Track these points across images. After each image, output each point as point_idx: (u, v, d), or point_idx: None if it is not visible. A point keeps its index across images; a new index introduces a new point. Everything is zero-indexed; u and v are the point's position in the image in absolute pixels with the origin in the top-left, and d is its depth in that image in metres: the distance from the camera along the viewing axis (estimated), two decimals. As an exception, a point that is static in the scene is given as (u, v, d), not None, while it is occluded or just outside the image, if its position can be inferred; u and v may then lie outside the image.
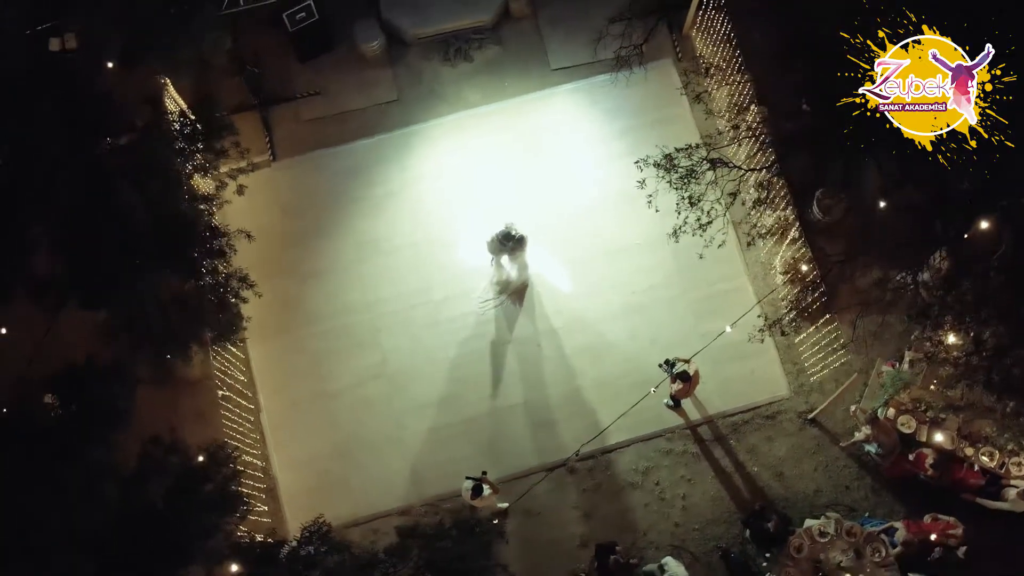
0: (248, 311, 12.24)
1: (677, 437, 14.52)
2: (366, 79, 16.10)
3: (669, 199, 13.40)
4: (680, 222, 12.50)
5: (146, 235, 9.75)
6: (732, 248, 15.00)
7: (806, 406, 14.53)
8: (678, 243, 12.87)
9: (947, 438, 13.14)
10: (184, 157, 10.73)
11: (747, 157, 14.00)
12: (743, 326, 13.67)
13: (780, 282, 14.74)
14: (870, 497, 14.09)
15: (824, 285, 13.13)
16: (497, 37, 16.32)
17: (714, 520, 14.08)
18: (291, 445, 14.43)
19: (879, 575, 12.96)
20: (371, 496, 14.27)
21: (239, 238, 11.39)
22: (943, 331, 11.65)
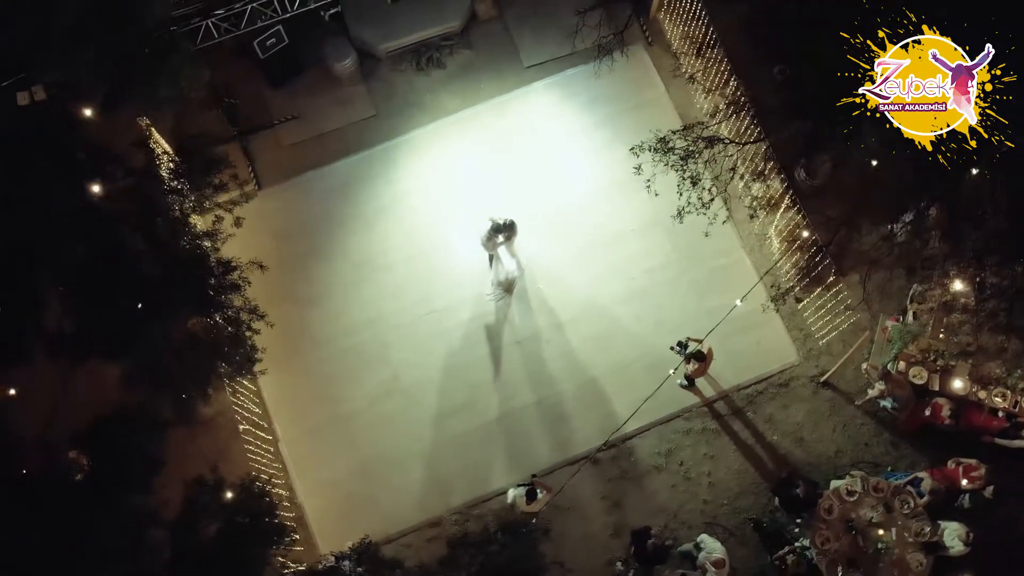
0: (259, 342, 12.14)
1: (695, 416, 14.63)
2: (342, 98, 16.05)
3: (665, 182, 13.55)
4: (683, 203, 12.56)
5: (159, 279, 9.67)
6: (726, 224, 15.13)
7: (817, 370, 14.70)
8: (682, 223, 12.95)
9: (963, 384, 13.32)
10: (182, 196, 10.64)
11: (733, 132, 14.10)
12: (749, 298, 13.84)
13: (777, 251, 14.88)
14: (891, 451, 14.28)
15: (826, 248, 13.24)
16: (467, 41, 16.34)
17: (742, 493, 14.20)
18: (314, 471, 14.36)
19: (910, 526, 13.14)
20: (399, 512, 14.23)
21: (251, 269, 11.31)
22: (948, 279, 11.81)
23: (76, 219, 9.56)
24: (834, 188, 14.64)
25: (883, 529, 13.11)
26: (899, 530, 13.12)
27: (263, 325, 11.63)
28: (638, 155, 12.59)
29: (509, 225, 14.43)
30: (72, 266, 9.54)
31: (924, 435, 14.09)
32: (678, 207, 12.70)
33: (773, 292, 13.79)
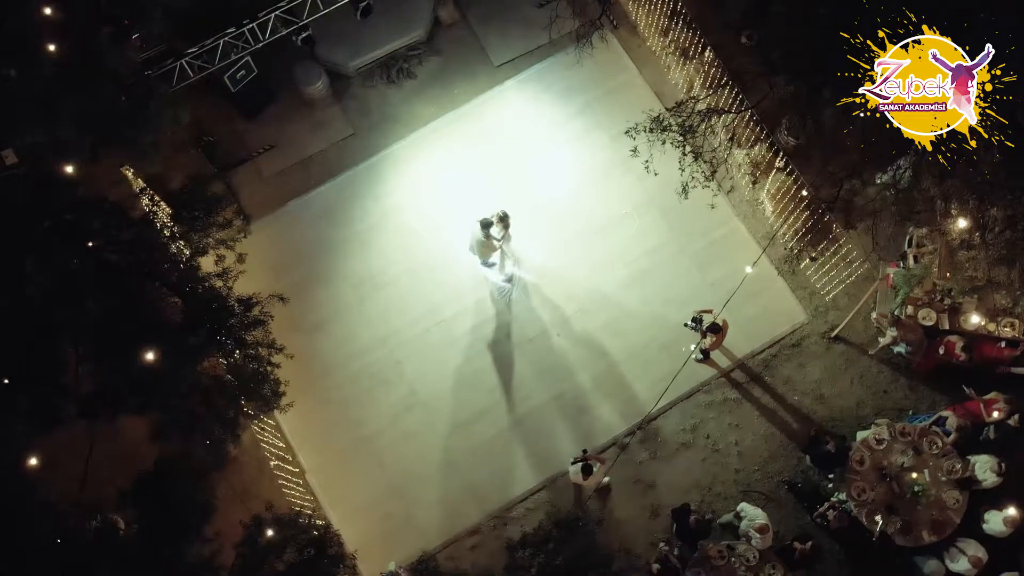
0: (280, 375, 12.00)
1: (714, 388, 14.71)
2: (317, 121, 15.93)
3: (654, 162, 13.61)
4: (686, 178, 12.61)
5: (178, 325, 9.53)
6: (717, 195, 15.17)
7: (827, 326, 14.85)
8: (687, 199, 13.00)
9: (980, 318, 13.51)
10: (185, 239, 10.50)
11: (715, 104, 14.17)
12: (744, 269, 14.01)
13: (773, 215, 15.00)
14: (910, 396, 14.47)
15: (832, 203, 13.37)
16: (434, 48, 16.29)
17: (771, 457, 14.32)
18: (345, 498, 14.24)
19: (941, 465, 13.33)
20: (437, 526, 14.16)
21: (272, 303, 11.20)
22: (951, 218, 11.97)
23: (84, 278, 9.39)
24: (818, 145, 14.78)
25: (916, 472, 13.29)
26: (931, 471, 13.31)
27: (282, 358, 11.49)
28: (634, 137, 12.60)
29: (502, 217, 14.39)
30: (89, 325, 9.37)
31: (940, 375, 14.29)
32: (682, 183, 12.75)
33: (786, 254, 13.85)
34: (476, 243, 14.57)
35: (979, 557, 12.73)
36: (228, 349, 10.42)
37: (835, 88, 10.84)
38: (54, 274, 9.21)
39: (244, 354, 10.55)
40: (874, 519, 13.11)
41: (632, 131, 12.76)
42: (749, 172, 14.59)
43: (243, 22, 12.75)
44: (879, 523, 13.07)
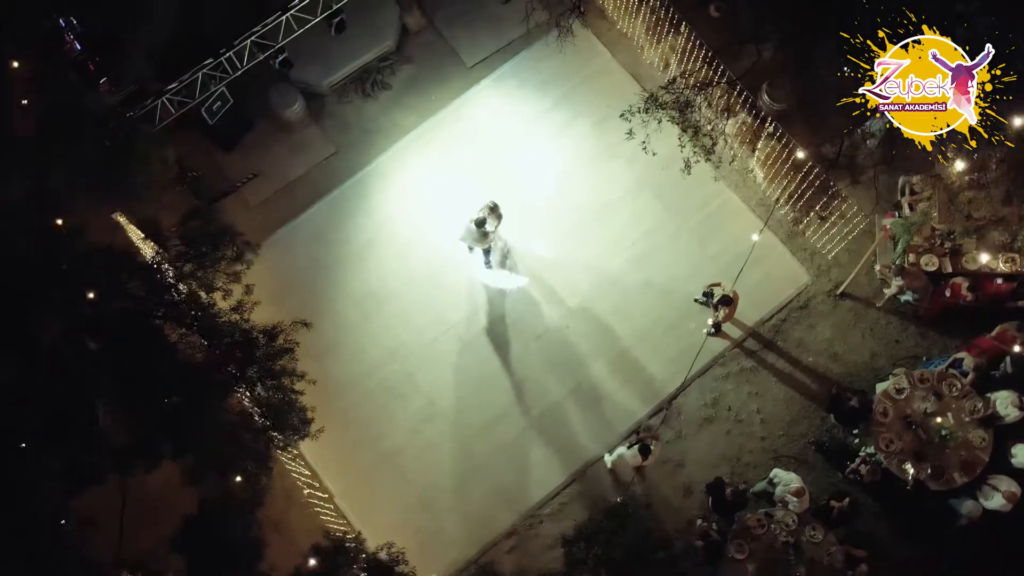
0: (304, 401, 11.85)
1: (729, 359, 14.74)
2: (298, 143, 15.76)
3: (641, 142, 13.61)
4: (688, 154, 12.61)
5: (202, 365, 9.38)
6: (704, 168, 15.21)
7: (831, 284, 14.93)
8: (690, 175, 13.00)
9: (989, 256, 13.63)
10: (195, 277, 10.34)
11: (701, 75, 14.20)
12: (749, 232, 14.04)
13: (764, 181, 15.05)
14: (921, 342, 14.58)
15: (836, 158, 13.42)
16: (405, 56, 16.17)
17: (794, 420, 14.37)
18: (376, 517, 14.07)
19: (963, 406, 13.45)
20: (472, 534, 14.07)
21: (296, 329, 11.06)
22: (948, 161, 12.04)
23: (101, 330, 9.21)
24: (803, 107, 14.84)
25: (940, 416, 13.39)
26: (954, 413, 13.41)
27: (304, 384, 11.35)
28: (629, 119, 12.57)
29: (492, 208, 14.30)
30: (112, 376, 9.19)
31: (948, 318, 14.41)
32: (684, 159, 12.75)
33: (782, 217, 13.89)
34: (474, 241, 14.50)
35: (1012, 492, 12.84)
36: (253, 382, 10.24)
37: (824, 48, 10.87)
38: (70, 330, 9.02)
39: (268, 385, 10.39)
40: (905, 468, 13.23)
41: (627, 113, 12.73)
42: (737, 141, 14.60)
43: (220, 52, 12.56)
44: (910, 471, 13.19)
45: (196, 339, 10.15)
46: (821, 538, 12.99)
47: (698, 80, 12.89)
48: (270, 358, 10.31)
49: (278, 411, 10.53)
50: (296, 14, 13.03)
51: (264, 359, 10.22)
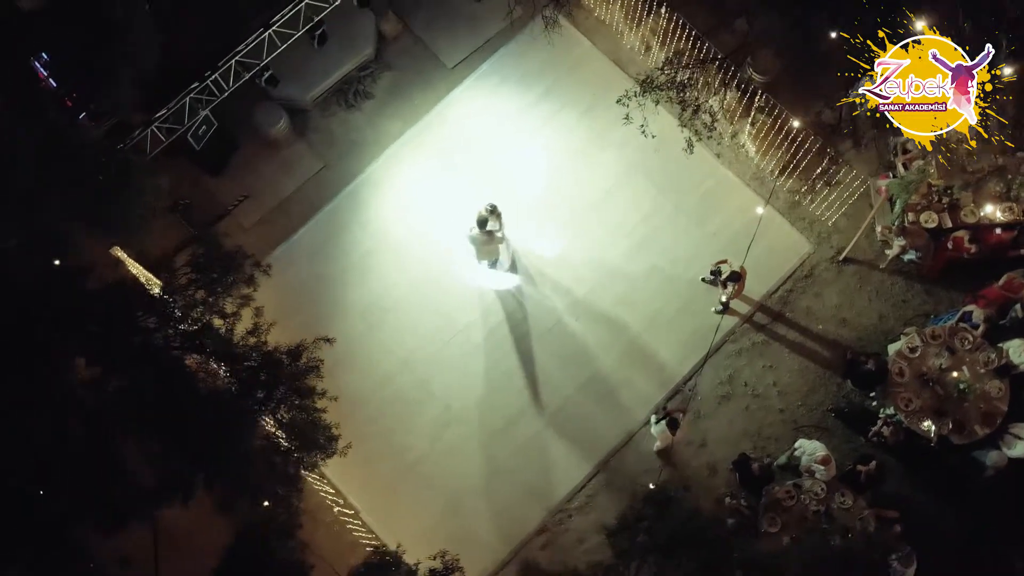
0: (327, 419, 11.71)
1: (740, 336, 14.74)
2: (285, 161, 15.59)
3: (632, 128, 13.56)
4: (689, 133, 12.59)
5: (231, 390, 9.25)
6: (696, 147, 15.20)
7: (833, 250, 14.97)
8: (692, 153, 12.97)
9: (994, 207, 13.71)
10: (207, 305, 10.19)
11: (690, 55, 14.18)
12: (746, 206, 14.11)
13: (755, 154, 15.06)
14: (928, 300, 14.64)
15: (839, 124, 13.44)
16: (385, 63, 16.04)
17: (811, 390, 14.39)
18: (405, 528, 13.91)
19: (977, 358, 13.55)
20: (503, 535, 14.00)
21: (319, 346, 10.93)
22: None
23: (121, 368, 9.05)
24: (788, 77, 14.86)
25: (955, 371, 13.48)
26: (969, 366, 13.51)
27: (325, 401, 11.22)
28: (626, 104, 12.53)
29: (491, 209, 14.23)
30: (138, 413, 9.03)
31: (952, 273, 14.50)
32: (686, 138, 12.72)
33: (778, 188, 13.89)
34: (479, 248, 14.38)
35: (1035, 438, 12.97)
36: (280, 404, 10.11)
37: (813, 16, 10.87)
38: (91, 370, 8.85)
39: (292, 404, 10.26)
40: (926, 425, 13.29)
41: (623, 99, 12.68)
42: (727, 117, 14.60)
43: (205, 75, 12.38)
44: (932, 428, 13.26)
45: (217, 367, 10.00)
46: (851, 503, 13.04)
47: (692, 58, 12.84)
48: (296, 377, 10.17)
49: (303, 431, 10.40)
50: (278, 29, 12.87)
51: (291, 379, 10.08)
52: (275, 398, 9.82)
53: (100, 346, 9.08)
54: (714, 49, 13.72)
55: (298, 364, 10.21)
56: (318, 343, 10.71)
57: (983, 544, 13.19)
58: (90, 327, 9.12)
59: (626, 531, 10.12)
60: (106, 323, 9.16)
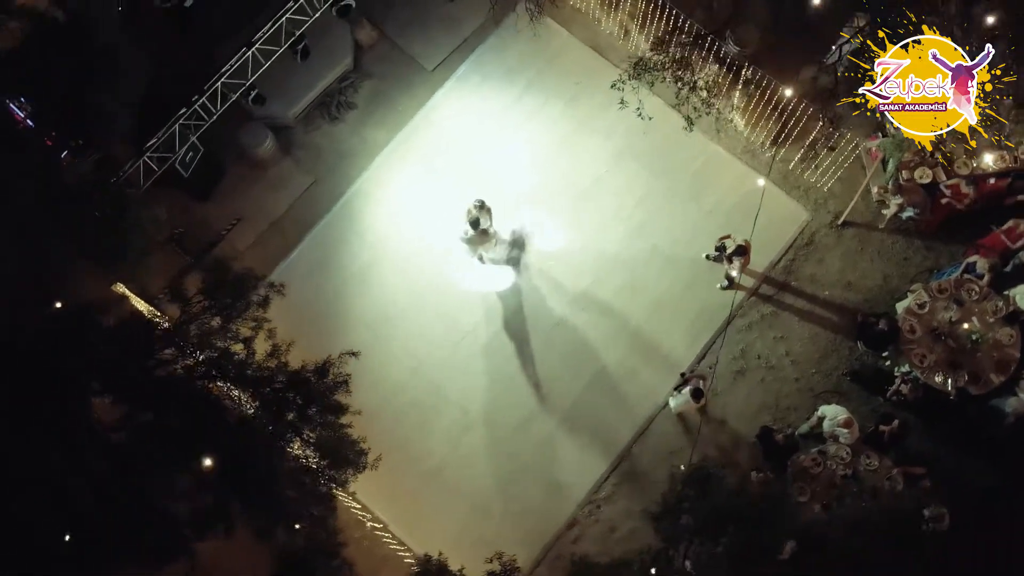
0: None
1: (748, 309, 14.74)
2: (274, 180, 15.43)
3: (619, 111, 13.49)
4: (688, 111, 12.56)
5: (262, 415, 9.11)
6: (681, 126, 15.18)
7: (831, 216, 15.01)
8: (692, 131, 12.94)
9: (994, 155, 13.78)
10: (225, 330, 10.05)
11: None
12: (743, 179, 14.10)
13: (744, 127, 15.06)
14: (929, 255, 14.71)
15: (833, 89, 13.45)
16: (365, 72, 15.93)
17: (824, 356, 14.42)
18: (434, 537, 13.74)
19: (986, 308, 13.61)
20: (533, 533, 13.92)
21: (345, 360, 10.81)
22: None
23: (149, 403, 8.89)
24: (770, 47, 14.87)
25: (965, 322, 13.53)
26: (979, 316, 13.57)
27: (349, 416, 11.10)
28: (621, 89, 12.48)
29: (480, 206, 14.15)
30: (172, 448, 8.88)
31: (951, 226, 14.56)
32: (685, 116, 12.69)
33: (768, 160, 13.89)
34: (472, 244, 14.32)
35: (1051, 381, 13.06)
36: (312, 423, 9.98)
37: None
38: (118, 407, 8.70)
39: (319, 423, 10.14)
40: (943, 379, 13.34)
41: (618, 83, 12.63)
42: (712, 93, 14.54)
43: (193, 99, 12.21)
44: (949, 381, 13.31)
45: (242, 393, 9.86)
46: (878, 464, 13.06)
47: (683, 37, 12.81)
48: (325, 394, 10.05)
49: (333, 448, 10.28)
50: (261, 47, 12.72)
51: (320, 396, 9.96)
52: (308, 418, 9.67)
53: (122, 383, 8.91)
54: (696, 26, 13.68)
55: (325, 381, 10.07)
56: (343, 358, 10.56)
57: (1011, 490, 13.25)
58: (110, 365, 8.94)
59: (669, 515, 10.04)
60: (125, 359, 8.99)
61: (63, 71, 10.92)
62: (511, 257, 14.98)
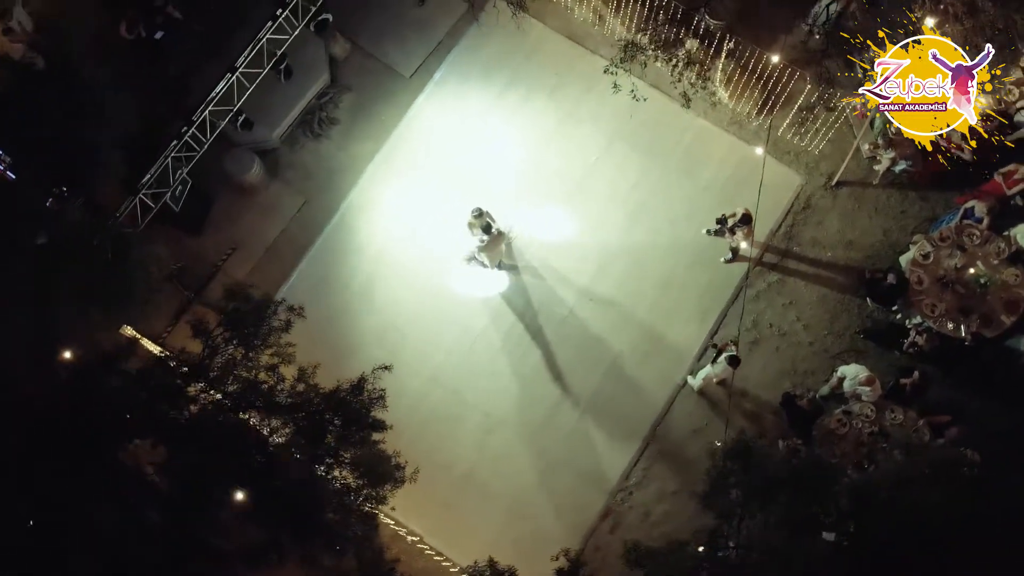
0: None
1: (754, 279, 14.78)
2: (265, 204, 15.21)
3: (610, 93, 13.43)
4: (684, 87, 12.53)
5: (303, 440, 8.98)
6: (667, 105, 15.22)
7: (824, 177, 15.08)
8: (690, 108, 12.92)
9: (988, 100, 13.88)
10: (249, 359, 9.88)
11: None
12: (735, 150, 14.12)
13: (728, 99, 15.07)
14: (925, 206, 14.83)
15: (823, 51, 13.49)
16: (343, 86, 15.72)
17: (834, 316, 14.49)
18: (472, 542, 13.64)
19: (988, 251, 13.76)
20: (570, 526, 13.87)
21: (379, 375, 10.68)
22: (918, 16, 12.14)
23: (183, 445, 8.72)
24: (744, 18, 14.89)
25: (971, 267, 13.67)
26: (983, 260, 13.72)
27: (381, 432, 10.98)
28: (614, 73, 12.43)
29: (479, 213, 14.04)
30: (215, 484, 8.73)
31: (945, 176, 14.57)
32: (682, 91, 12.66)
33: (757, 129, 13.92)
34: (491, 253, 14.21)
35: (1062, 317, 13.21)
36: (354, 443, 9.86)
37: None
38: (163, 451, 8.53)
39: (355, 441, 10.02)
40: (953, 326, 13.46)
41: (611, 68, 12.58)
42: (693, 68, 14.56)
43: (182, 131, 11.99)
44: (962, 327, 13.44)
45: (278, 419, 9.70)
46: (903, 417, 13.16)
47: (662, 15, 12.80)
48: (366, 408, 9.93)
49: (371, 465, 10.16)
50: (244, 71, 12.52)
51: (359, 413, 9.83)
52: (347, 438, 9.54)
53: (158, 426, 8.73)
54: (673, 3, 13.67)
55: (360, 398, 9.95)
56: (378, 371, 10.46)
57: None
58: (143, 410, 8.76)
59: (717, 492, 10.04)
60: (157, 402, 8.81)
61: (47, 117, 10.64)
62: (513, 256, 14.89)
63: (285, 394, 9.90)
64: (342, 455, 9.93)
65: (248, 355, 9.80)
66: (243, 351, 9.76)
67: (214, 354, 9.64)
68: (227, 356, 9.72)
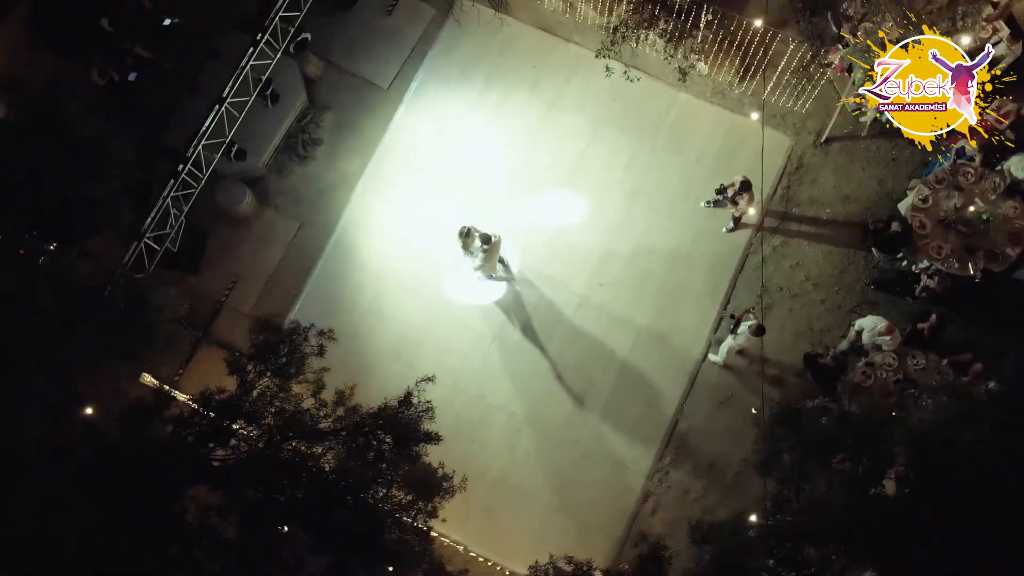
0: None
1: (758, 245, 14.83)
2: (260, 234, 14.99)
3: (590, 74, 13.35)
4: (678, 62, 12.53)
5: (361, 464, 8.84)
6: (648, 84, 15.22)
7: (812, 135, 15.17)
8: (686, 82, 12.92)
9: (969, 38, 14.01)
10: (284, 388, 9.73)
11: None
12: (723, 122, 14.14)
13: (708, 69, 15.09)
14: (916, 151, 14.79)
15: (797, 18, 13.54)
16: (322, 105, 15.53)
17: (842, 271, 14.59)
18: (518, 545, 13.59)
19: (984, 187, 13.92)
20: (611, 513, 13.86)
21: (423, 388, 10.57)
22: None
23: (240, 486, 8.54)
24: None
25: (970, 205, 13.82)
26: (981, 196, 13.87)
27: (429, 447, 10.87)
28: (607, 57, 12.38)
29: (467, 232, 13.84)
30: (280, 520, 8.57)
31: (931, 118, 14.79)
32: (678, 67, 12.65)
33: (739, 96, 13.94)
34: (489, 260, 14.09)
35: (1066, 242, 13.40)
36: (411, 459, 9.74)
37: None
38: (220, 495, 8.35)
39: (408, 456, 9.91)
40: (958, 265, 13.61)
41: (603, 52, 12.53)
42: (670, 42, 14.55)
43: (178, 169, 11.76)
44: (970, 265, 13.59)
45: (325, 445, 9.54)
46: (925, 362, 13.29)
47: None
48: (416, 422, 9.82)
49: (422, 479, 10.05)
50: (232, 100, 12.30)
51: (409, 428, 9.71)
52: (399, 454, 9.42)
53: (208, 471, 8.55)
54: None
55: (407, 412, 9.83)
56: (424, 382, 10.37)
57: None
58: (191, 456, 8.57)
59: (770, 459, 10.04)
60: (202, 446, 8.62)
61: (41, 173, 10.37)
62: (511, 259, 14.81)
63: (330, 419, 9.75)
64: (395, 472, 9.78)
65: (284, 385, 9.63)
66: (278, 381, 9.58)
67: (251, 389, 9.47)
68: (262, 388, 9.54)
